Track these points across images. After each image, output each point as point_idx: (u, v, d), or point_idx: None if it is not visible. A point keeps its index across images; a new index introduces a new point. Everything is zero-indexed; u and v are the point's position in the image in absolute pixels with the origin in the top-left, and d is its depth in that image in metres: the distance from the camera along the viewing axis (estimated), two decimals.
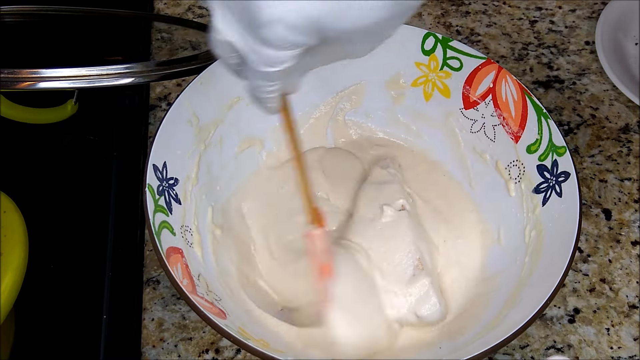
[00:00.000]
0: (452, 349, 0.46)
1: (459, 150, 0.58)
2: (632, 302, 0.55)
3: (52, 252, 0.55)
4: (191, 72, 0.55)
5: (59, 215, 0.58)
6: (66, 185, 0.59)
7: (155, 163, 0.48)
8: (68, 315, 0.52)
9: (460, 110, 0.57)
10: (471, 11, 0.76)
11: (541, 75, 0.71)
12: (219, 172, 0.55)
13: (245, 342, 0.41)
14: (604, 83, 0.70)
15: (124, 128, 0.63)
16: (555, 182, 0.50)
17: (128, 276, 0.54)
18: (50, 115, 0.60)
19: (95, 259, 0.54)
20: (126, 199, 0.58)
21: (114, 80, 0.52)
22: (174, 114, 0.51)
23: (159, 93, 0.66)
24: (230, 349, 0.52)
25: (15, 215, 0.51)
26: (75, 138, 0.63)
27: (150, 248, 0.56)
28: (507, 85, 0.54)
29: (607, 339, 0.53)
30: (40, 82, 0.50)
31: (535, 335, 0.53)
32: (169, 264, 0.44)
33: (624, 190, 0.62)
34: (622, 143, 0.65)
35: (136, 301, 0.54)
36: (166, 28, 0.72)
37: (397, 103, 0.59)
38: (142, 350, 0.51)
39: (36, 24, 0.68)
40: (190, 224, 0.50)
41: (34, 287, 0.51)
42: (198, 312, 0.41)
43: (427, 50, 0.56)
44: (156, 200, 0.47)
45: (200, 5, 0.75)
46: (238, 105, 0.55)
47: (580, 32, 0.75)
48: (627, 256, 0.58)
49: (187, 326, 0.53)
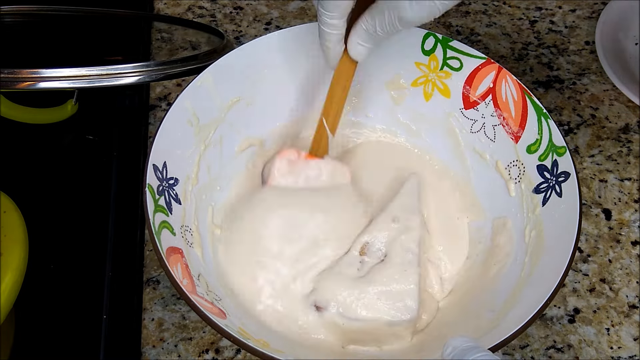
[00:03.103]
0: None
1: (459, 150, 0.58)
2: (632, 302, 0.55)
3: (52, 252, 0.55)
4: (191, 72, 0.55)
5: (59, 215, 0.58)
6: (66, 185, 0.59)
7: (155, 163, 0.48)
8: (68, 315, 0.52)
9: (460, 110, 0.57)
10: (471, 11, 0.76)
11: (541, 75, 0.71)
12: (219, 172, 0.55)
13: (245, 342, 0.41)
14: (604, 83, 0.70)
15: (124, 128, 0.63)
16: (555, 182, 0.50)
17: (128, 276, 0.54)
18: (50, 115, 0.60)
19: (95, 259, 0.54)
20: (126, 199, 0.58)
21: (114, 80, 0.52)
22: (174, 114, 0.51)
23: (159, 93, 0.66)
24: (230, 349, 0.52)
25: (15, 215, 0.52)
26: (75, 138, 0.63)
27: (150, 248, 0.56)
28: (507, 85, 0.54)
29: (607, 339, 0.53)
30: (40, 82, 0.50)
31: (535, 335, 0.53)
32: (169, 264, 0.43)
33: (624, 190, 0.62)
34: (622, 143, 0.65)
35: (136, 301, 0.54)
36: (166, 28, 0.72)
37: (397, 103, 0.59)
38: (142, 350, 0.51)
39: (36, 24, 0.68)
40: (190, 224, 0.50)
41: (34, 287, 0.51)
42: (198, 312, 0.41)
43: (427, 50, 0.56)
44: (156, 200, 0.47)
45: (200, 5, 0.75)
46: (238, 105, 0.55)
47: (580, 32, 0.75)
48: (627, 256, 0.58)
49: (187, 326, 0.53)
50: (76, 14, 0.69)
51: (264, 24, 0.74)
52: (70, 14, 0.69)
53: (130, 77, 0.52)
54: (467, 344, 0.38)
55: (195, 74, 0.53)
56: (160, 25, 0.72)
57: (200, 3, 0.75)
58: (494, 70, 0.54)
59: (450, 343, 0.38)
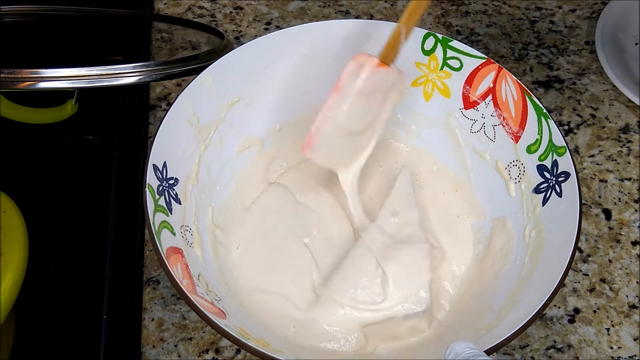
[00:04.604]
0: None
1: (459, 150, 0.58)
2: (632, 302, 0.55)
3: (52, 252, 0.55)
4: (191, 72, 0.55)
5: (59, 215, 0.58)
6: (66, 185, 0.59)
7: (155, 163, 0.48)
8: (68, 315, 0.52)
9: (460, 110, 0.57)
10: (471, 11, 0.76)
11: (541, 75, 0.71)
12: (219, 172, 0.55)
13: (245, 342, 0.41)
14: (604, 83, 0.70)
15: (124, 128, 0.63)
16: (555, 182, 0.50)
17: (128, 276, 0.54)
18: (50, 115, 0.60)
19: (95, 259, 0.54)
20: (126, 199, 0.57)
21: (114, 80, 0.52)
22: (174, 114, 0.51)
23: (159, 93, 0.66)
24: (230, 349, 0.52)
25: (15, 215, 0.52)
26: (75, 138, 0.63)
27: (150, 248, 0.56)
28: (507, 85, 0.54)
29: (607, 339, 0.53)
30: (40, 82, 0.50)
31: (535, 335, 0.53)
32: (169, 264, 0.43)
33: (624, 190, 0.62)
34: (622, 143, 0.65)
35: (136, 301, 0.54)
36: (166, 28, 0.72)
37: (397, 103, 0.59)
38: (142, 350, 0.51)
39: (36, 24, 0.68)
40: (190, 224, 0.50)
41: (34, 287, 0.51)
42: (198, 312, 0.41)
43: (427, 50, 0.56)
44: (156, 200, 0.47)
45: (200, 5, 0.75)
46: (238, 105, 0.55)
47: (580, 32, 0.75)
48: (627, 256, 0.58)
49: (187, 326, 0.53)
50: (76, 14, 0.69)
51: (264, 24, 0.74)
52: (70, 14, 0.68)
53: (130, 77, 0.52)
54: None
55: (195, 74, 0.53)
56: (160, 25, 0.72)
57: (200, 3, 0.75)
58: (494, 70, 0.54)
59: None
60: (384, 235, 0.53)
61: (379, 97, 0.52)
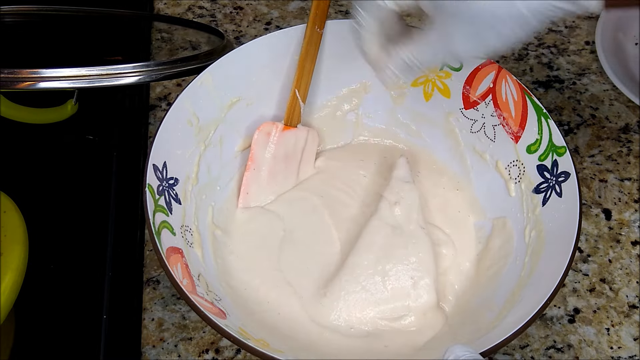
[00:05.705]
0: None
1: (459, 150, 0.58)
2: (632, 302, 0.55)
3: (52, 252, 0.55)
4: (191, 72, 0.55)
5: (59, 215, 0.58)
6: (66, 185, 0.59)
7: (155, 163, 0.48)
8: (68, 315, 0.52)
9: (460, 110, 0.57)
10: None
11: (541, 75, 0.71)
12: (219, 172, 0.55)
13: (245, 342, 0.41)
14: (604, 83, 0.70)
15: (124, 128, 0.63)
16: (555, 182, 0.50)
17: (128, 276, 0.54)
18: (50, 115, 0.60)
19: (95, 259, 0.54)
20: (126, 199, 0.58)
21: (114, 80, 0.52)
22: (174, 114, 0.51)
23: (159, 93, 0.66)
24: (230, 349, 0.52)
25: (15, 215, 0.52)
26: (75, 138, 0.63)
27: (150, 248, 0.56)
28: (507, 85, 0.54)
29: (607, 339, 0.53)
30: (40, 82, 0.50)
31: (535, 335, 0.53)
32: (169, 264, 0.44)
33: (624, 190, 0.62)
34: (622, 143, 0.65)
35: (136, 301, 0.54)
36: (166, 28, 0.72)
37: (397, 103, 0.59)
38: (142, 350, 0.51)
39: (36, 24, 0.68)
40: (190, 224, 0.50)
41: (34, 287, 0.51)
42: (198, 312, 0.41)
43: None
44: (156, 200, 0.47)
45: (200, 5, 0.75)
46: (238, 105, 0.55)
47: (580, 32, 0.75)
48: (627, 256, 0.58)
49: (187, 326, 0.53)
50: (76, 14, 0.69)
51: (264, 24, 0.74)
52: (70, 14, 0.68)
53: (130, 77, 0.52)
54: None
55: (195, 74, 0.53)
56: (160, 25, 0.72)
57: (200, 3, 0.75)
58: (493, 70, 0.54)
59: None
60: (386, 228, 0.53)
61: (296, 154, 0.57)
